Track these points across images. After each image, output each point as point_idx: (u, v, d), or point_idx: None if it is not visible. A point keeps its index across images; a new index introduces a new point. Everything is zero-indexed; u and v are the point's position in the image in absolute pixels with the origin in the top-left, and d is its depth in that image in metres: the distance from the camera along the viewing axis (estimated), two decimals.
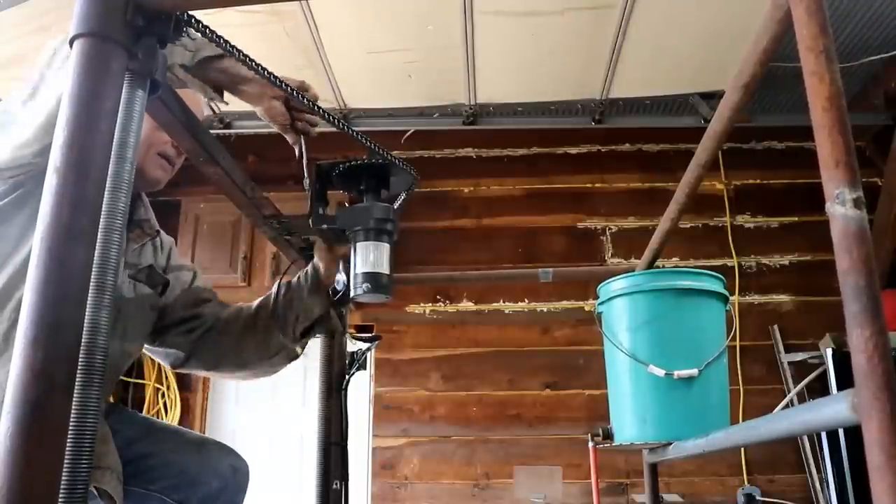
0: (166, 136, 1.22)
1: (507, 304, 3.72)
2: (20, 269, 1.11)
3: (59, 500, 0.62)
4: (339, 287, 1.51)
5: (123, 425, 1.37)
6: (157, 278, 1.38)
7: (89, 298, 0.67)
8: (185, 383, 3.72)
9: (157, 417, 3.61)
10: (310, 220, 1.35)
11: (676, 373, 1.33)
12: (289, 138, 1.35)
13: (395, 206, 1.44)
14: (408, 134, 3.89)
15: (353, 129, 1.32)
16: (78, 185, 0.66)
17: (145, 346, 1.46)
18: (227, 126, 3.68)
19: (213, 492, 1.39)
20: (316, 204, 1.38)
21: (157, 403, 3.65)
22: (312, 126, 1.34)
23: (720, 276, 1.46)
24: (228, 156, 1.14)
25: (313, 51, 3.08)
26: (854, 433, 2.80)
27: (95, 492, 1.15)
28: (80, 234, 0.65)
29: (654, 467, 1.77)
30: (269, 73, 1.10)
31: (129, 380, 3.68)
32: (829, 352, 3.12)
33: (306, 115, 1.32)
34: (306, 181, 1.35)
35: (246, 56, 1.04)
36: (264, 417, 3.81)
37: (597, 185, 3.90)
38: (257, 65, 1.07)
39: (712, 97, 3.46)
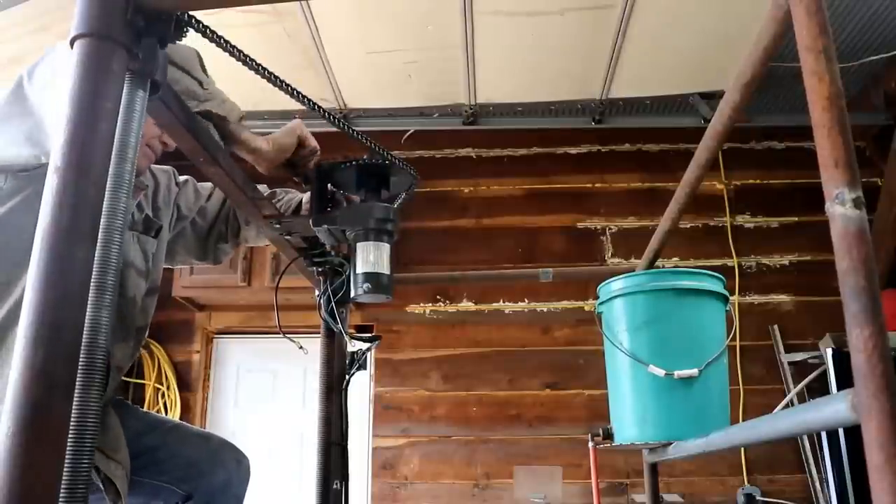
0: (156, 129, 1.26)
1: (507, 304, 3.72)
2: None
3: (60, 500, 0.62)
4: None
5: (130, 419, 1.39)
6: (151, 224, 1.44)
7: (90, 298, 0.67)
8: (185, 383, 3.73)
9: None
10: (310, 221, 1.35)
11: (676, 373, 1.33)
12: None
13: (396, 206, 1.44)
14: (408, 134, 3.89)
15: (354, 129, 1.32)
16: (78, 185, 0.66)
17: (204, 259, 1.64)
18: None
19: (219, 483, 1.42)
20: (316, 204, 1.38)
21: (157, 403, 3.64)
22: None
23: (720, 276, 1.46)
24: (228, 156, 1.14)
25: (313, 51, 3.08)
26: (854, 433, 2.80)
27: (101, 485, 1.16)
28: (81, 235, 0.65)
29: (654, 467, 1.77)
30: (275, 77, 1.10)
31: (129, 380, 3.68)
32: (829, 352, 3.12)
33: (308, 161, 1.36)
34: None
35: (247, 56, 1.04)
36: (264, 417, 3.81)
37: (597, 185, 3.91)
38: (262, 67, 1.07)
39: (712, 97, 3.47)
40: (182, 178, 1.60)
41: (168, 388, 3.66)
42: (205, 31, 0.91)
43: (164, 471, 1.39)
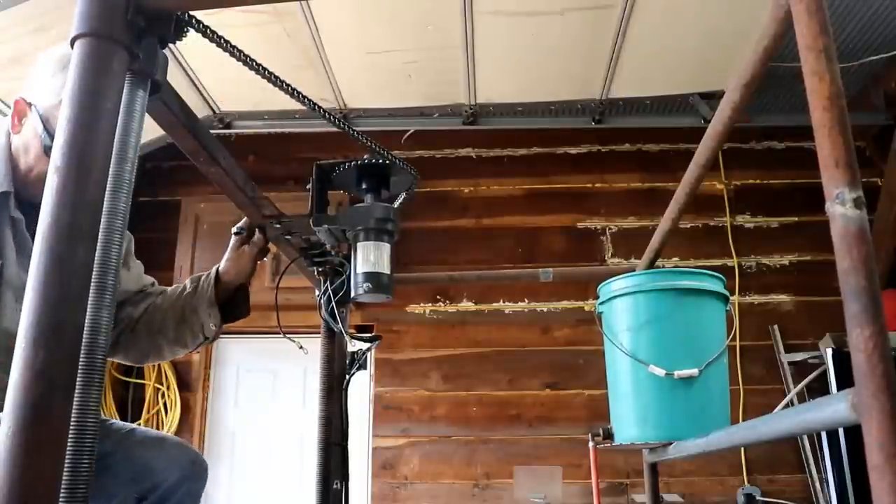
0: None
1: (507, 304, 3.72)
2: None
3: (60, 500, 0.62)
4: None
5: None
6: None
7: (90, 299, 0.67)
8: (185, 383, 3.72)
9: (157, 418, 3.61)
10: (310, 220, 1.35)
11: (677, 373, 1.33)
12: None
13: (396, 206, 1.44)
14: (408, 134, 3.89)
15: (353, 129, 1.32)
16: (78, 185, 0.66)
17: None
18: (227, 126, 3.68)
19: (174, 483, 1.43)
20: (316, 204, 1.38)
21: (157, 403, 3.64)
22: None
23: (720, 276, 1.46)
24: (229, 156, 1.14)
25: (313, 51, 3.08)
26: (854, 433, 2.80)
27: None
28: (81, 235, 0.65)
29: (654, 467, 1.77)
30: (276, 77, 1.10)
31: (129, 380, 3.68)
32: (829, 352, 3.12)
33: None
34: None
35: (247, 56, 1.04)
36: (264, 417, 3.80)
37: (597, 185, 3.90)
38: (262, 67, 1.07)
39: (712, 97, 3.47)
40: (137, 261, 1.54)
41: (168, 388, 3.66)
42: (205, 31, 0.91)
43: (118, 475, 1.39)
